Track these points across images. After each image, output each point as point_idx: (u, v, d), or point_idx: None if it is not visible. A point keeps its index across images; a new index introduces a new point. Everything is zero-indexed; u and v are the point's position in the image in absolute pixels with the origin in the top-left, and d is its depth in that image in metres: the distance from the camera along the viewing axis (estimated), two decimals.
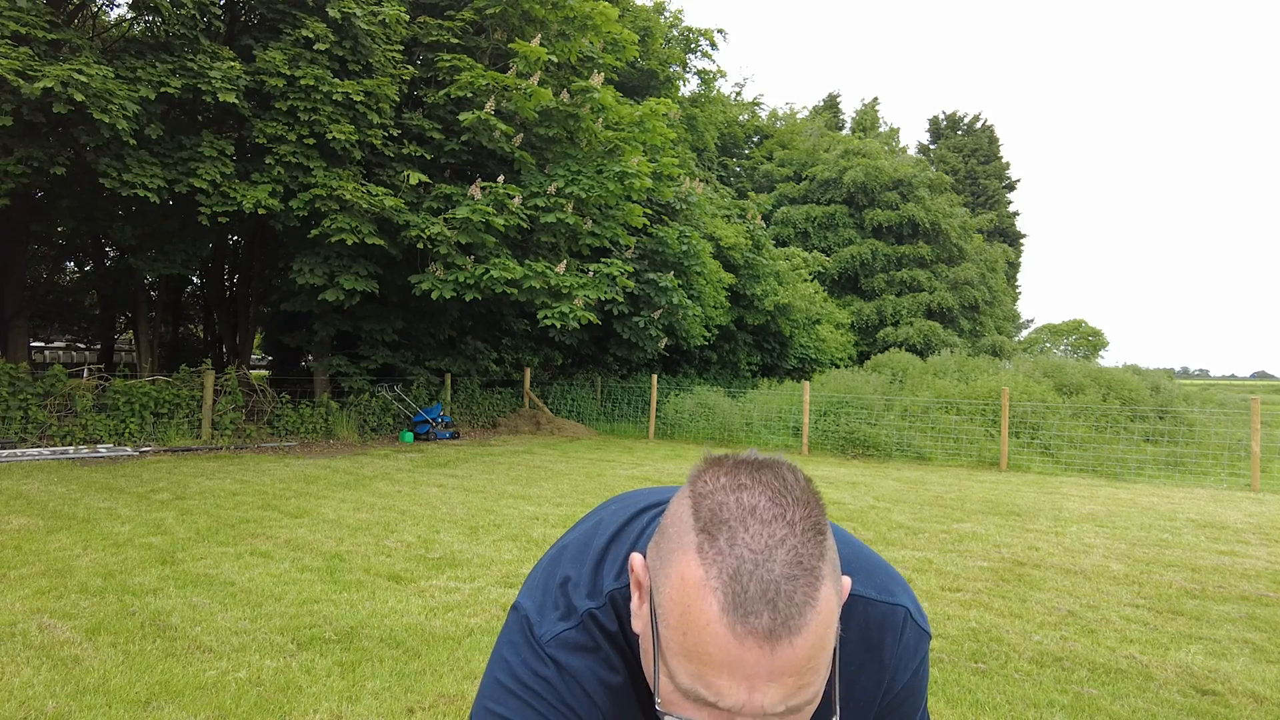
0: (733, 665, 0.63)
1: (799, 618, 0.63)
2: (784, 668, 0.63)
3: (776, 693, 0.64)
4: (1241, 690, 3.39)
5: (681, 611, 0.66)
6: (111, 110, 9.44)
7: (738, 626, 0.63)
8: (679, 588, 0.67)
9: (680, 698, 0.67)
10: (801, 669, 0.64)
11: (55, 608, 4.09)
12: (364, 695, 3.17)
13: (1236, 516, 7.63)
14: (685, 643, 0.66)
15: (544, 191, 13.22)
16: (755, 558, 0.64)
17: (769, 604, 0.62)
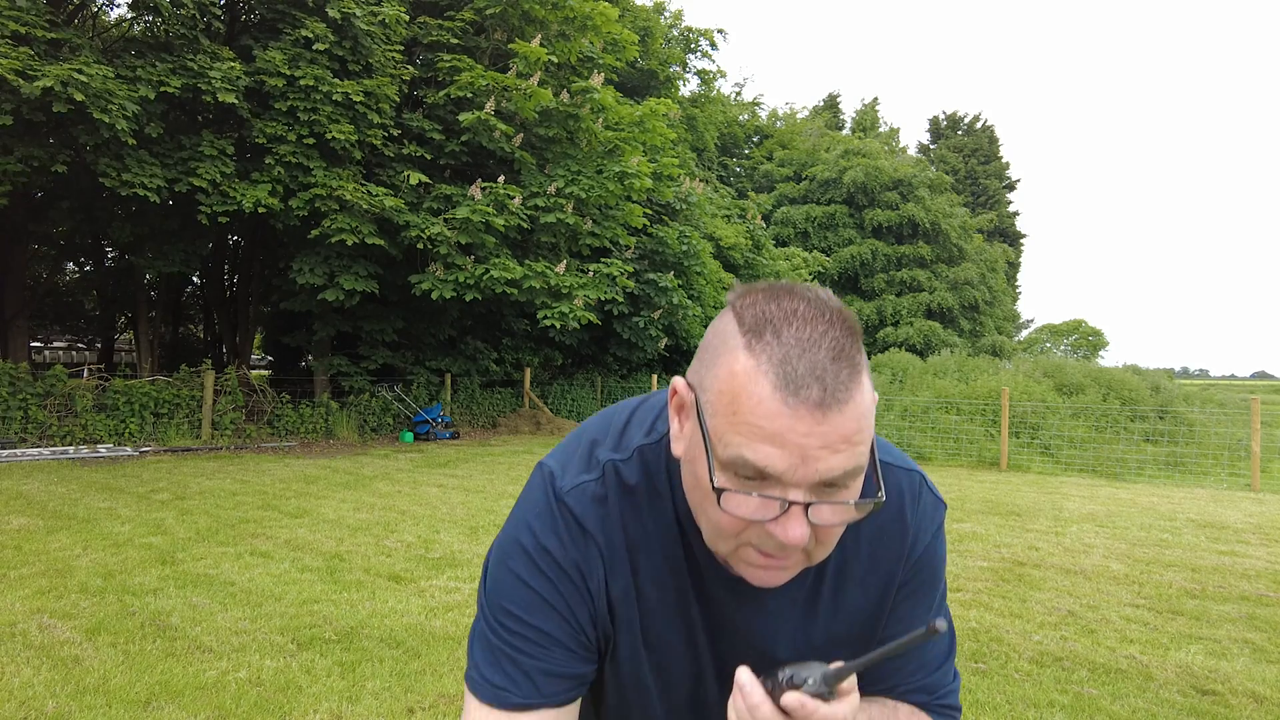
0: (785, 434, 0.65)
1: (845, 392, 0.66)
2: (833, 436, 0.66)
3: (826, 464, 0.66)
4: (1241, 690, 3.39)
5: (731, 399, 0.68)
6: (111, 110, 9.44)
7: (789, 399, 0.65)
8: (728, 381, 0.68)
9: (734, 492, 0.68)
10: (849, 438, 0.66)
11: (55, 608, 4.09)
12: (364, 695, 3.17)
13: (1236, 516, 7.62)
14: (736, 423, 0.67)
15: (544, 191, 13.22)
16: (801, 345, 0.66)
17: (817, 380, 0.65)
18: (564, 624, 0.81)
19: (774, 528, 0.68)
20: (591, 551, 0.82)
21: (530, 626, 0.80)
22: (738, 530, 0.71)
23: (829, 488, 0.68)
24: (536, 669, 0.80)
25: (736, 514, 0.69)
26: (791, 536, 0.68)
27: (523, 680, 0.80)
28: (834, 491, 0.68)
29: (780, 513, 0.67)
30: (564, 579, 0.81)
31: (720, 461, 0.68)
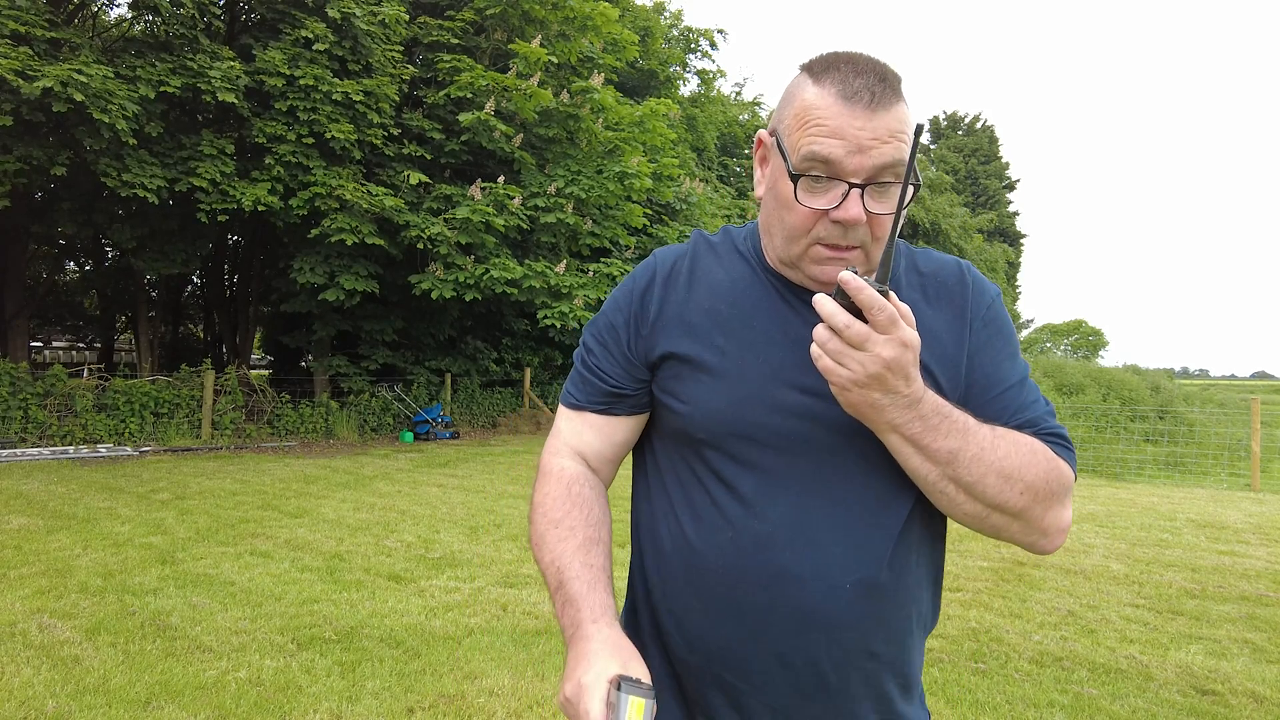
0: (844, 128, 0.83)
1: (890, 100, 0.84)
2: (881, 130, 0.83)
3: (877, 155, 0.83)
4: (1241, 690, 3.39)
5: (802, 114, 0.86)
6: (111, 110, 9.44)
7: (846, 102, 0.83)
8: (800, 105, 0.87)
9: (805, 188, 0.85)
10: (895, 133, 0.83)
11: (55, 607, 4.09)
12: (364, 695, 3.17)
13: (1236, 516, 7.62)
14: (806, 128, 0.85)
15: (544, 192, 13.22)
16: (855, 70, 0.85)
17: (869, 90, 0.83)
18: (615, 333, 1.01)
19: (837, 212, 0.84)
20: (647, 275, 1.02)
21: (592, 336, 1.04)
22: (808, 226, 0.87)
23: (879, 185, 0.84)
24: (591, 381, 1.02)
25: (808, 204, 0.85)
26: (851, 214, 0.83)
27: (580, 386, 1.04)
28: (883, 187, 0.84)
29: (842, 199, 0.84)
30: (624, 297, 1.02)
31: (794, 165, 0.85)
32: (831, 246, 0.87)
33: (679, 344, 0.96)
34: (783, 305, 0.94)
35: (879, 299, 0.76)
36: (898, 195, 0.82)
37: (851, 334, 0.77)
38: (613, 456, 1.05)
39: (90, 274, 19.24)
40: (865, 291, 0.76)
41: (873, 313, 0.76)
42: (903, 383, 0.79)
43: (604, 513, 1.01)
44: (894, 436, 0.83)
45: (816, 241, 0.87)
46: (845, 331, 0.77)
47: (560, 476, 1.01)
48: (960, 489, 0.84)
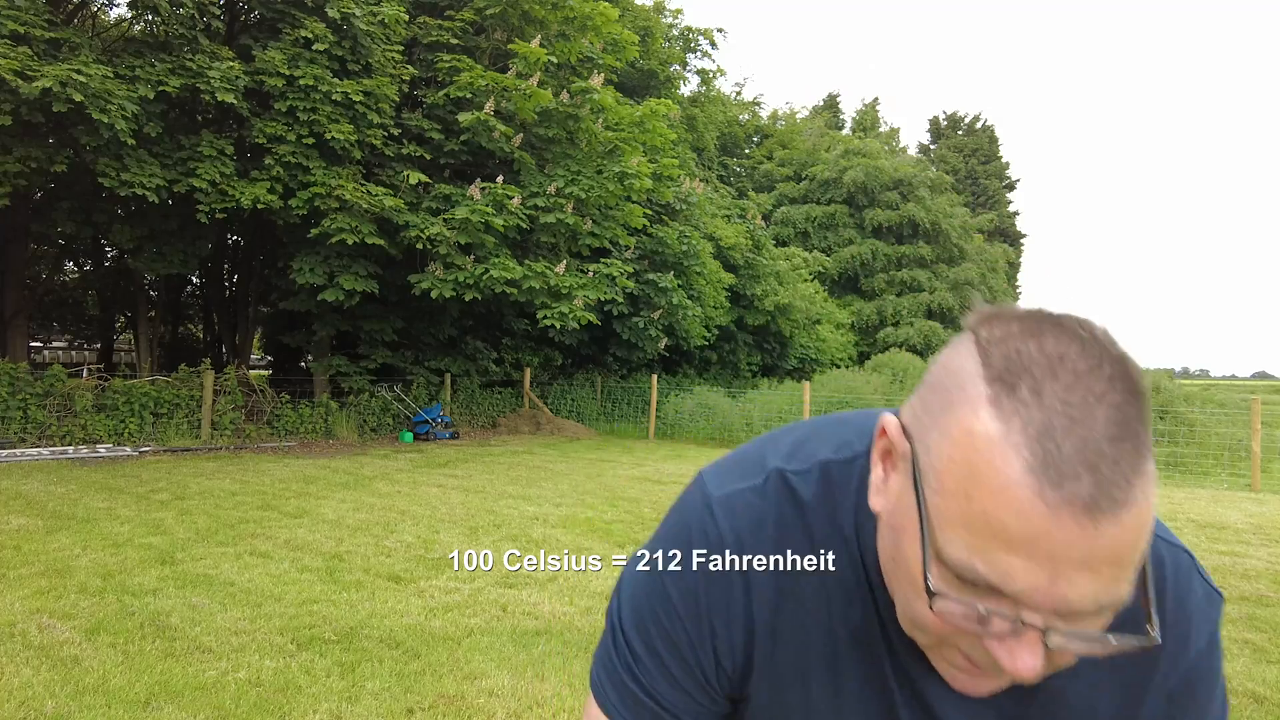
0: (1035, 541, 0.48)
1: (1127, 488, 0.48)
2: (1102, 552, 0.48)
3: (1087, 585, 0.49)
4: (1241, 690, 3.39)
5: (967, 473, 0.50)
6: (110, 110, 9.43)
7: (1049, 493, 0.47)
8: (964, 445, 0.51)
9: (953, 599, 0.52)
10: (1121, 558, 0.49)
11: (55, 608, 4.09)
12: (363, 695, 3.17)
13: (1237, 517, 7.62)
14: (970, 511, 0.50)
15: (544, 192, 13.22)
16: (1070, 412, 0.48)
17: (1090, 469, 0.47)
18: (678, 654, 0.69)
19: (997, 649, 0.53)
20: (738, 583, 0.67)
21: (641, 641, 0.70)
22: (945, 634, 0.57)
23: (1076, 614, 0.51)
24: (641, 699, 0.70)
25: (951, 623, 0.54)
26: (1021, 668, 0.52)
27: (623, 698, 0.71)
28: (1081, 617, 0.51)
29: (1008, 633, 0.52)
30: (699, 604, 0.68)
31: (938, 555, 0.53)
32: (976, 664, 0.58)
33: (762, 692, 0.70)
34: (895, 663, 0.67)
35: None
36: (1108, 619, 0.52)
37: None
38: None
39: (90, 274, 19.24)
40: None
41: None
42: None
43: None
44: None
45: (955, 647, 0.58)
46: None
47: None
48: None
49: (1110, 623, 0.52)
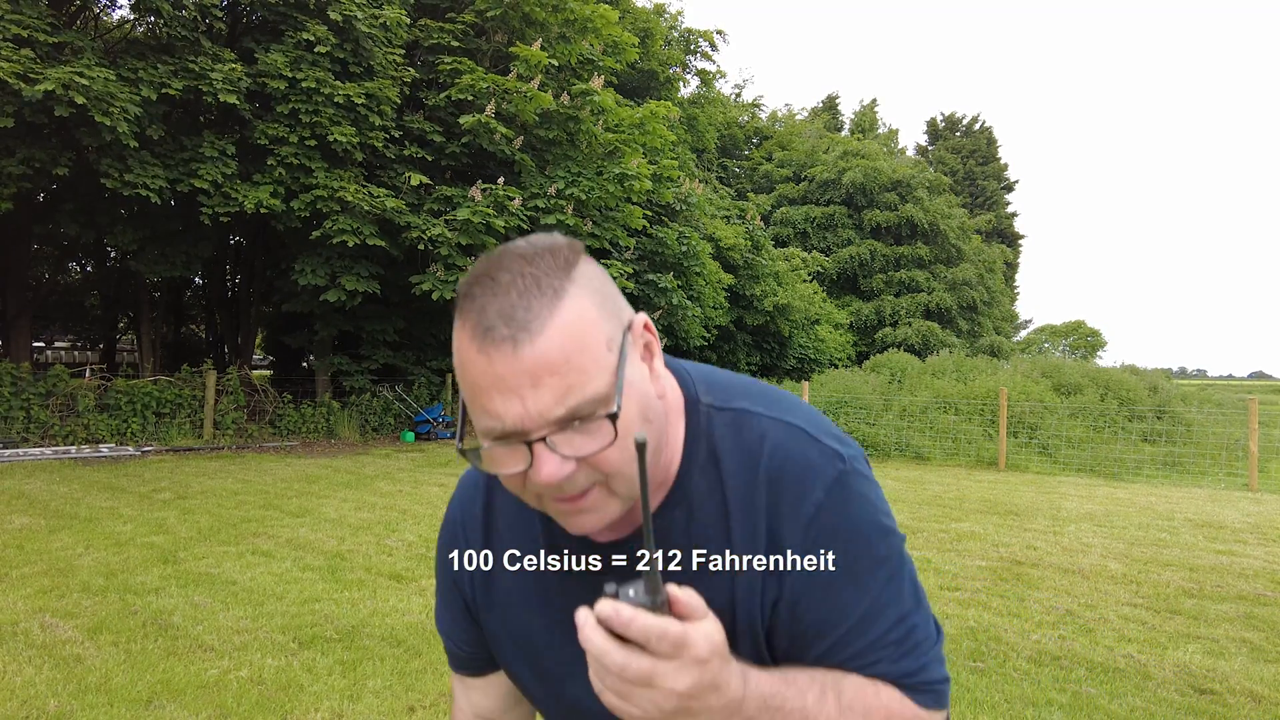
0: (495, 382, 0.63)
1: (537, 321, 0.63)
2: (538, 368, 0.63)
3: (545, 396, 0.63)
4: (1239, 689, 3.41)
5: (458, 363, 0.67)
6: (113, 113, 9.46)
7: (485, 345, 0.63)
8: (455, 349, 0.67)
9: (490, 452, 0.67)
10: (558, 367, 0.63)
11: (57, 607, 4.11)
12: (365, 694, 3.19)
13: (1234, 516, 7.64)
14: (465, 390, 0.67)
15: (544, 193, 13.24)
16: (493, 290, 0.64)
17: (504, 319, 0.63)
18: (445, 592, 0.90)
19: (532, 473, 0.66)
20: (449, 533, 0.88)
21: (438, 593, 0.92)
22: (521, 486, 0.69)
23: (576, 421, 0.64)
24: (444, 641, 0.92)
25: (497, 470, 0.68)
26: (543, 476, 0.65)
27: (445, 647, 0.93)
28: (583, 423, 0.64)
29: (530, 459, 0.65)
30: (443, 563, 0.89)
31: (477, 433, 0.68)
32: (560, 500, 0.69)
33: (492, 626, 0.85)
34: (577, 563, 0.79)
35: (656, 626, 0.60)
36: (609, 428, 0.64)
37: (632, 674, 0.61)
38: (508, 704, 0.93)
39: (92, 274, 19.26)
40: (636, 623, 0.60)
41: (652, 644, 0.61)
42: (714, 697, 0.64)
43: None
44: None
45: (540, 497, 0.70)
46: (624, 673, 0.61)
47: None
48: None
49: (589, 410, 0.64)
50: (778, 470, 0.73)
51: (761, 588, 0.73)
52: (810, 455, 0.74)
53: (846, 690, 0.72)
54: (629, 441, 0.66)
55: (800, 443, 0.75)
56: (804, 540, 0.72)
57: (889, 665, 0.74)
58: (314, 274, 11.95)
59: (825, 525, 0.72)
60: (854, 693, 0.72)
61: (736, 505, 0.74)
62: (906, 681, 0.74)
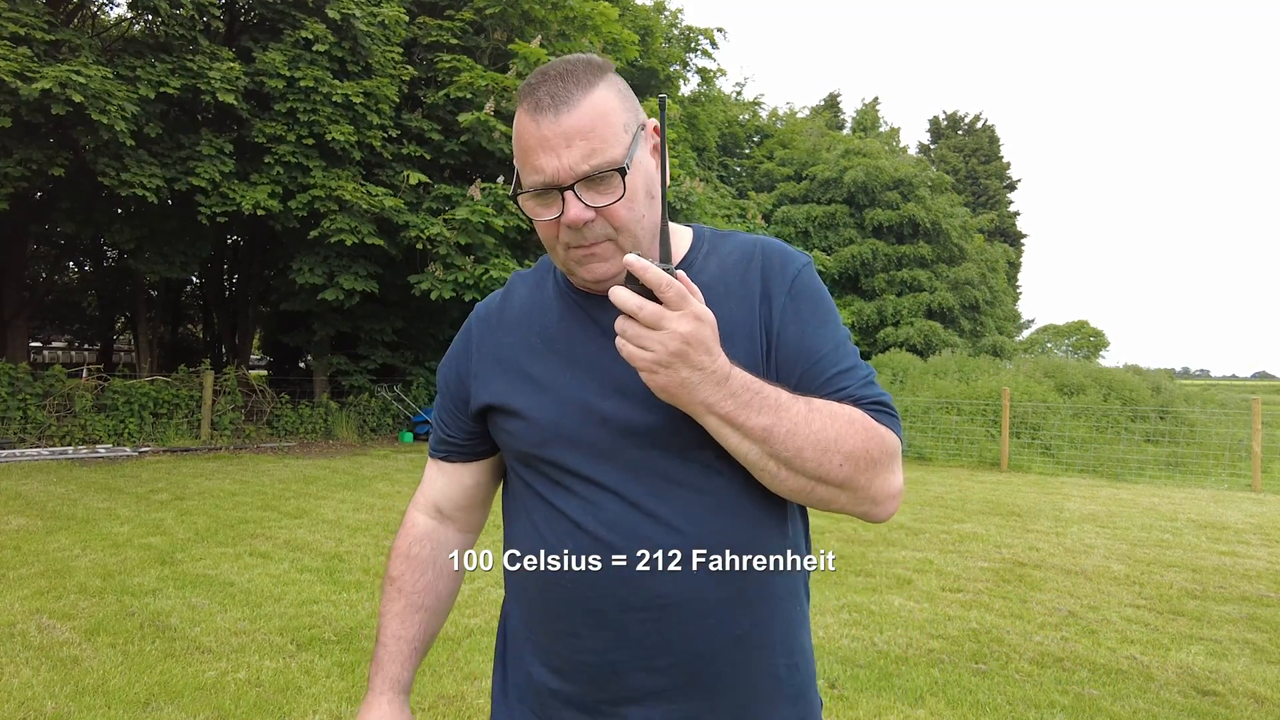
0: (540, 142, 0.86)
1: (573, 97, 0.86)
2: (572, 131, 0.85)
3: (575, 154, 0.85)
4: (1242, 691, 3.39)
5: (515, 138, 0.91)
6: (110, 111, 9.43)
7: (533, 112, 0.87)
8: (515, 131, 0.91)
9: (531, 203, 0.90)
10: (587, 132, 0.86)
11: (54, 608, 4.09)
12: (363, 696, 3.16)
13: (1237, 517, 7.62)
14: (518, 153, 0.90)
15: None
16: (544, 79, 0.88)
17: (549, 94, 0.86)
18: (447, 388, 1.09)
19: (563, 217, 0.87)
20: (466, 330, 1.10)
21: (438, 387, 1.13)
22: (554, 234, 0.90)
23: (594, 180, 0.86)
24: (435, 430, 1.11)
25: (537, 217, 0.90)
26: (570, 216, 0.87)
27: (431, 435, 1.13)
28: (598, 180, 0.86)
29: (562, 205, 0.87)
30: (451, 353, 1.11)
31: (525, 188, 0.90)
32: (579, 247, 0.90)
33: (496, 389, 1.01)
34: (588, 321, 0.97)
35: (665, 277, 0.79)
36: (619, 184, 0.87)
37: (645, 315, 0.79)
38: (468, 502, 1.11)
39: (90, 274, 19.24)
40: (650, 270, 0.78)
41: (662, 290, 0.79)
42: (706, 357, 0.81)
43: (437, 575, 1.09)
44: (711, 418, 0.84)
45: (567, 246, 0.90)
46: (639, 314, 0.79)
47: (408, 532, 1.11)
48: (781, 464, 0.86)
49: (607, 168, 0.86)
50: (768, 252, 0.99)
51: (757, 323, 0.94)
52: (789, 248, 1.02)
53: (816, 400, 0.89)
54: (635, 203, 0.89)
55: (783, 243, 1.02)
56: (788, 294, 0.95)
57: (855, 390, 0.93)
58: (312, 273, 11.92)
59: (801, 286, 0.96)
60: (822, 402, 0.89)
61: (734, 276, 0.97)
62: (868, 403, 0.93)
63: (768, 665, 0.93)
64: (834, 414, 0.87)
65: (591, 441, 0.93)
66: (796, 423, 0.84)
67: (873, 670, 3.52)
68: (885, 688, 3.35)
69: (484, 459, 1.09)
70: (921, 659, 3.67)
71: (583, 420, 0.93)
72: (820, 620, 4.18)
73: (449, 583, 1.11)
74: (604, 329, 0.94)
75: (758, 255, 0.98)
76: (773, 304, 0.94)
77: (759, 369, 0.91)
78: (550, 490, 0.96)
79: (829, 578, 4.95)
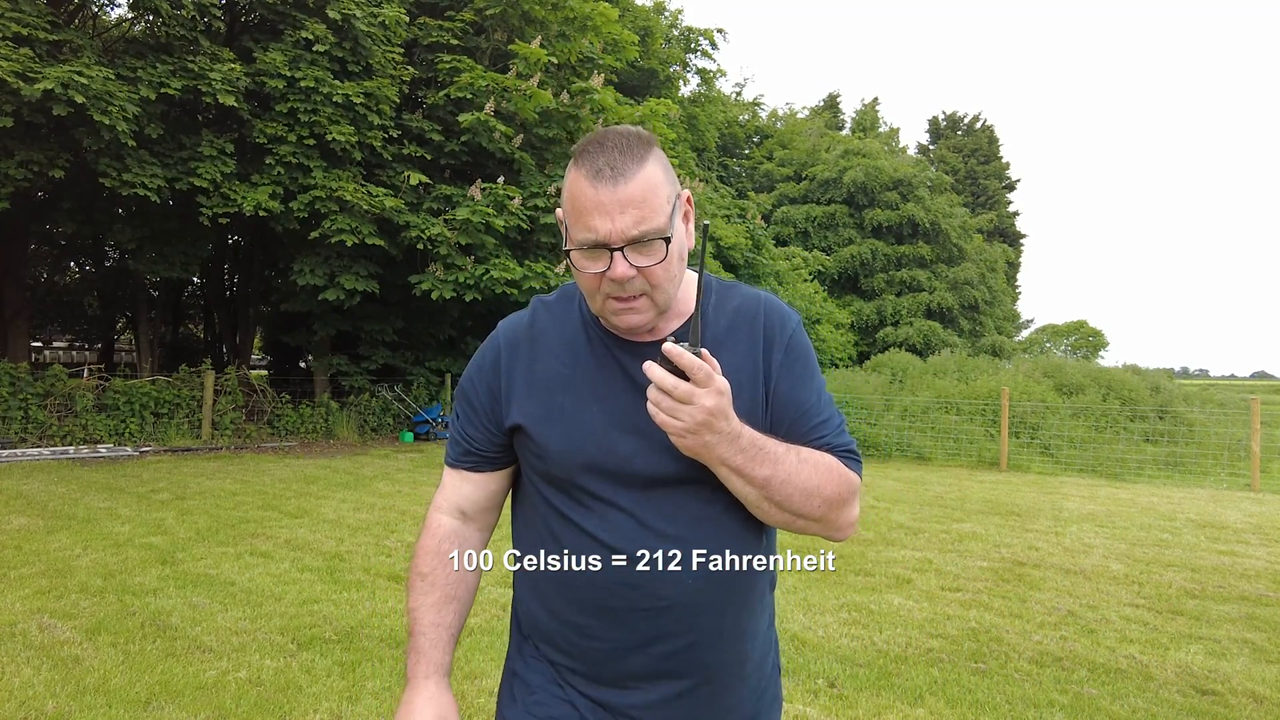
0: (597, 206, 0.98)
1: (629, 170, 0.98)
2: (626, 201, 0.97)
3: (627, 220, 0.98)
4: (1241, 690, 3.40)
5: (568, 199, 1.02)
6: (111, 112, 9.44)
7: (592, 179, 0.98)
8: (565, 190, 1.03)
9: (580, 256, 1.01)
10: (639, 203, 0.98)
11: (55, 608, 4.10)
12: (364, 695, 3.17)
13: (1236, 516, 7.63)
14: (571, 211, 1.01)
15: (544, 192, 13.22)
16: (601, 149, 1.00)
17: (609, 165, 0.98)
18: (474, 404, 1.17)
19: (610, 272, 1.00)
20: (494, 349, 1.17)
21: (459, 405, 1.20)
22: (596, 286, 1.02)
23: (639, 244, 0.99)
24: (460, 444, 1.19)
25: (585, 270, 1.01)
26: (617, 272, 0.99)
27: (453, 448, 1.20)
28: (643, 246, 0.99)
29: (610, 262, 0.99)
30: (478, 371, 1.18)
31: (573, 244, 1.01)
32: (618, 299, 1.03)
33: (528, 410, 1.12)
34: (611, 360, 1.10)
35: (697, 361, 0.93)
36: (662, 249, 1.00)
37: (680, 393, 0.94)
38: (490, 504, 1.22)
39: (91, 274, 19.25)
40: (685, 357, 0.93)
41: (693, 372, 0.93)
42: (724, 423, 0.97)
43: (464, 569, 1.19)
44: (723, 469, 1.01)
45: (607, 296, 1.03)
46: (675, 391, 0.94)
47: (435, 531, 1.19)
48: (773, 505, 1.04)
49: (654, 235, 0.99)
50: (769, 311, 1.14)
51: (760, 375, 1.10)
52: (785, 308, 1.16)
53: (804, 451, 1.06)
54: (671, 266, 1.02)
55: (779, 301, 1.17)
56: (784, 352, 1.11)
57: (832, 439, 1.10)
58: (312, 273, 11.93)
59: (795, 344, 1.13)
60: (809, 452, 1.07)
61: (742, 329, 1.12)
62: (842, 451, 1.10)
63: (744, 650, 1.12)
64: (816, 464, 1.05)
65: (612, 471, 1.07)
66: (790, 473, 1.02)
67: (872, 669, 3.53)
68: (885, 687, 3.35)
69: (509, 467, 1.20)
70: (921, 658, 3.68)
71: (606, 454, 1.07)
72: (820, 620, 4.19)
73: (474, 576, 1.21)
74: (626, 371, 1.09)
75: (761, 312, 1.13)
76: (772, 359, 1.11)
77: (758, 414, 1.08)
78: (569, 506, 1.09)
79: (829, 577, 4.95)
